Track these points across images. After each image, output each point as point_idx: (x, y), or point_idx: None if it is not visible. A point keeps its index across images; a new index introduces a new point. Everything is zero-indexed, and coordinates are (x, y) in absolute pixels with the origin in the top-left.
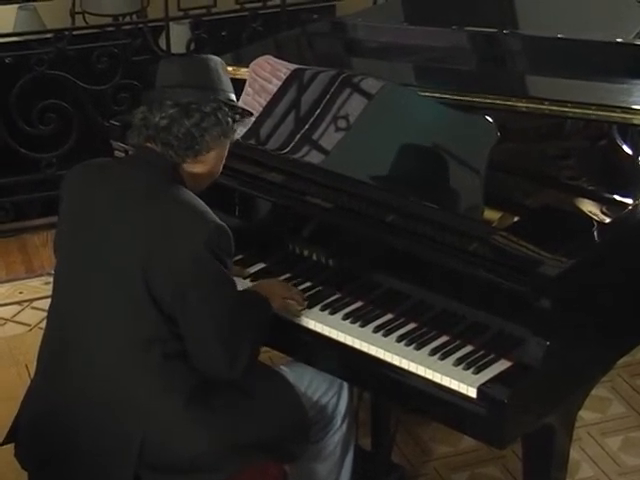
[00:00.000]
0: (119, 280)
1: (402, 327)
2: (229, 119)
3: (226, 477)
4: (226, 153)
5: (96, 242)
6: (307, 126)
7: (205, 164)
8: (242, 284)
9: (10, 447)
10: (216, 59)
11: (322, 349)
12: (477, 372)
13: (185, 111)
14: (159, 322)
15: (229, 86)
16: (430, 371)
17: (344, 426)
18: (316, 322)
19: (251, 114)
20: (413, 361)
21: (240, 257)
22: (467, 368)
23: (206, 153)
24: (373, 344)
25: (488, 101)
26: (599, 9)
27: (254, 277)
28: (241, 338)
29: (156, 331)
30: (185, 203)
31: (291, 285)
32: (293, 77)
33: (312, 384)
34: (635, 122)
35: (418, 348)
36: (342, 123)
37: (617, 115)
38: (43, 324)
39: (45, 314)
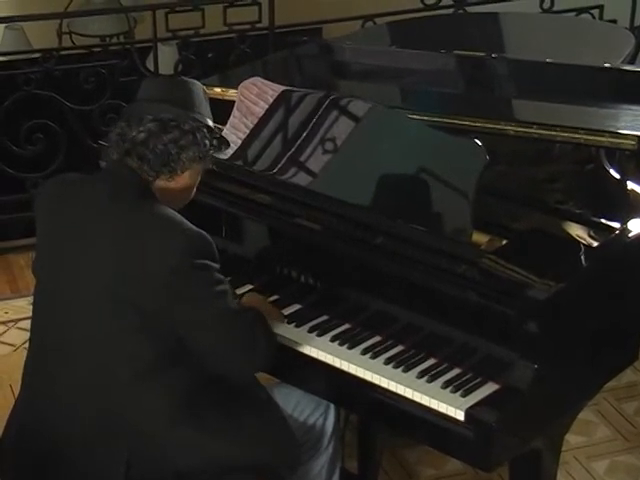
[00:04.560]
0: (99, 300)
1: (390, 349)
2: (207, 141)
3: None
4: (199, 178)
5: (72, 262)
6: (295, 148)
7: (178, 183)
8: None
9: None
10: (198, 84)
11: (310, 371)
12: (465, 395)
13: (164, 126)
14: (144, 340)
15: (208, 112)
16: (418, 393)
17: (330, 448)
18: (304, 344)
19: (229, 144)
20: (401, 383)
21: (228, 279)
22: (455, 391)
23: (181, 173)
24: (361, 366)
25: (477, 124)
26: (587, 34)
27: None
28: (252, 325)
29: (139, 348)
30: (158, 217)
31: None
32: (281, 99)
33: (299, 405)
34: (623, 147)
35: (406, 370)
36: (330, 145)
37: (605, 139)
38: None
39: None
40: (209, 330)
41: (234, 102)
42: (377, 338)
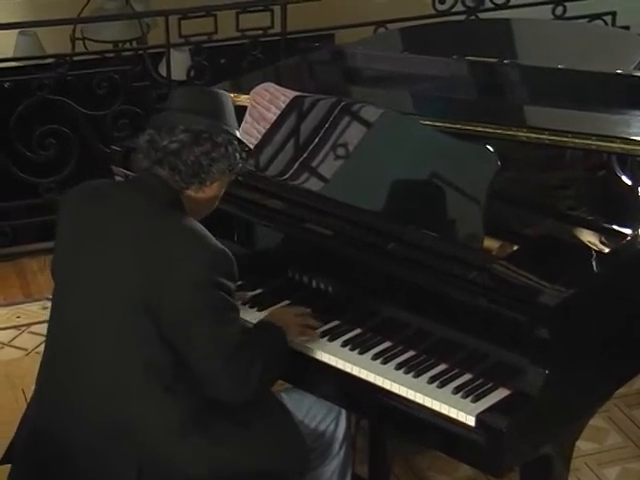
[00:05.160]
0: (117, 305)
1: (401, 354)
2: (237, 154)
3: None
4: (226, 187)
5: (94, 266)
6: (307, 153)
7: (206, 193)
8: (250, 314)
9: (7, 468)
10: (228, 95)
11: (321, 376)
12: (475, 400)
13: (196, 138)
14: (159, 348)
15: (236, 124)
16: (429, 399)
17: (341, 453)
18: (315, 349)
19: (251, 154)
20: (411, 388)
21: (239, 283)
22: (466, 396)
23: (210, 184)
24: (372, 371)
25: (489, 130)
26: (600, 41)
27: (254, 301)
28: (248, 364)
29: (155, 357)
30: (185, 228)
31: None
32: (293, 104)
33: (310, 411)
34: (634, 153)
35: (417, 376)
36: (341, 151)
37: (617, 145)
38: (40, 348)
39: (43, 339)
40: (206, 356)
41: (246, 108)
42: (388, 343)
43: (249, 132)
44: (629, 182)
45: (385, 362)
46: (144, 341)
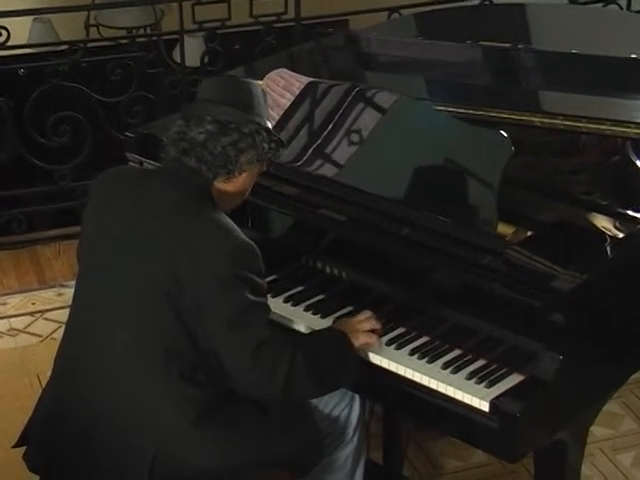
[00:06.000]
0: (142, 294)
1: (414, 340)
2: (265, 145)
3: None
4: (255, 178)
5: (120, 252)
6: (321, 139)
7: (235, 185)
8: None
9: (22, 450)
10: (257, 85)
11: None
12: (490, 386)
13: (223, 129)
14: (179, 338)
15: (267, 114)
16: (442, 384)
17: (355, 439)
18: None
19: (285, 146)
20: (425, 374)
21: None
22: (480, 382)
23: (238, 175)
24: (385, 357)
25: (503, 116)
26: (614, 25)
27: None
28: (274, 360)
29: (176, 347)
30: (213, 220)
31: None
32: (307, 90)
33: (324, 397)
34: None
35: (431, 361)
36: (356, 136)
37: (631, 131)
38: (55, 335)
39: (57, 325)
40: (228, 349)
41: None
42: (402, 329)
43: None
44: None
45: (399, 348)
46: (166, 332)
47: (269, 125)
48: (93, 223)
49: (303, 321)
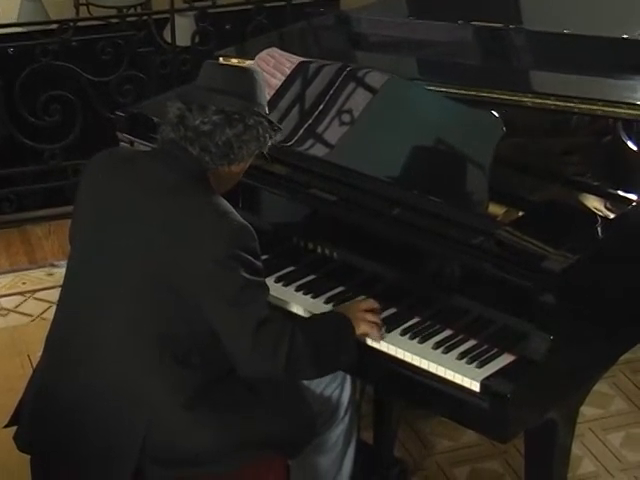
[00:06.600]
0: (137, 274)
1: (406, 320)
2: (267, 135)
3: (229, 471)
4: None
5: (116, 234)
6: (312, 119)
7: (232, 170)
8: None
9: (13, 430)
10: (260, 72)
11: None
12: (480, 366)
13: (228, 120)
14: (174, 321)
15: (266, 101)
16: (433, 364)
17: (346, 418)
18: None
19: (281, 130)
20: (417, 354)
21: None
22: (470, 362)
23: (238, 164)
24: None
25: (494, 96)
26: (606, 5)
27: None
28: (274, 340)
29: (170, 330)
30: (210, 203)
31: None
32: (298, 70)
33: None
34: None
35: (422, 341)
36: (347, 116)
37: (623, 111)
38: (46, 315)
39: (48, 305)
40: (226, 330)
41: None
42: (393, 310)
43: None
44: (635, 147)
45: (390, 328)
46: (161, 314)
47: (267, 111)
48: (87, 204)
49: (295, 302)
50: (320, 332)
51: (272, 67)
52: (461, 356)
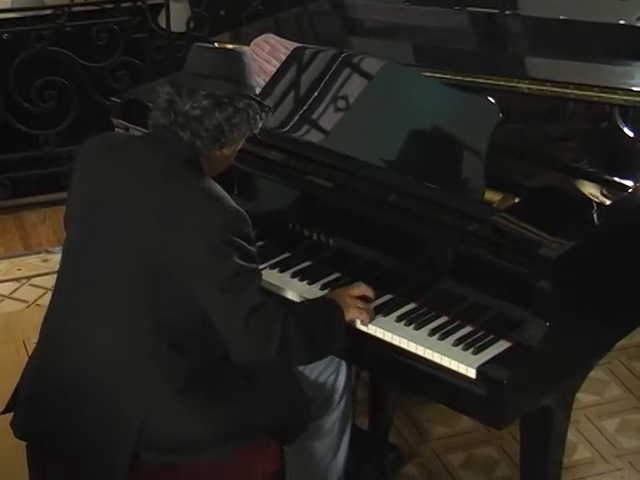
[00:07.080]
0: (132, 260)
1: (401, 307)
2: (257, 117)
3: (224, 457)
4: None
5: (110, 220)
6: (307, 105)
7: (223, 153)
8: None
9: (9, 416)
10: (248, 54)
11: None
12: (476, 353)
13: (218, 104)
14: (169, 307)
15: (256, 82)
16: (429, 351)
17: (342, 404)
18: None
19: (272, 111)
20: (412, 341)
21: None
22: (466, 348)
23: (229, 147)
24: (372, 323)
25: (490, 82)
26: None
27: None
28: (267, 325)
29: (165, 316)
30: (203, 189)
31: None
32: (293, 56)
33: None
34: (637, 104)
35: (417, 328)
36: (342, 102)
37: (619, 97)
38: (41, 301)
39: (43, 291)
40: (220, 315)
41: None
42: (389, 296)
43: None
44: (631, 134)
45: (386, 314)
46: (156, 301)
47: (257, 92)
48: (82, 190)
49: (291, 288)
50: (311, 317)
51: (267, 53)
52: (457, 342)
